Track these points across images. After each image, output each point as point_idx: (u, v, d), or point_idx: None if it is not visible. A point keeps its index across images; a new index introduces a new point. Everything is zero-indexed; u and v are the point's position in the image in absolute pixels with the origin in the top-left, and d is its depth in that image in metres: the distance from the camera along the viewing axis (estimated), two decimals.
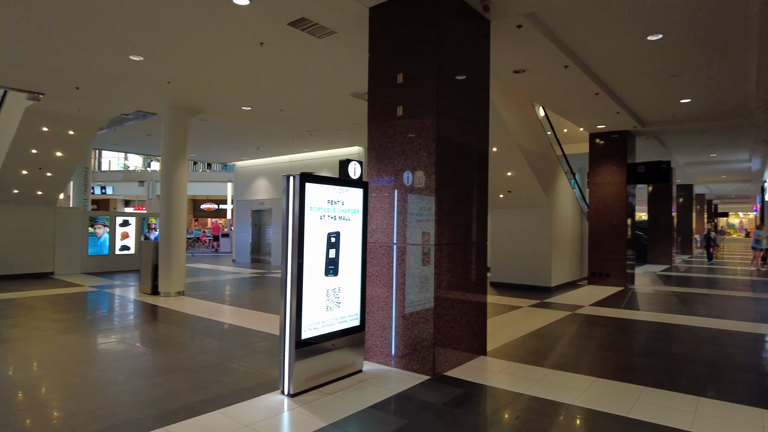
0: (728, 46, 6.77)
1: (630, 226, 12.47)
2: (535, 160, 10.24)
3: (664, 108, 10.36)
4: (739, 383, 4.82)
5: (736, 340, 6.58)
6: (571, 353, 5.86)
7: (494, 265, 12.05)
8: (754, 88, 8.62)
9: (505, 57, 7.09)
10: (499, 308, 8.85)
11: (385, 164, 5.28)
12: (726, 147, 15.17)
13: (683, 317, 8.17)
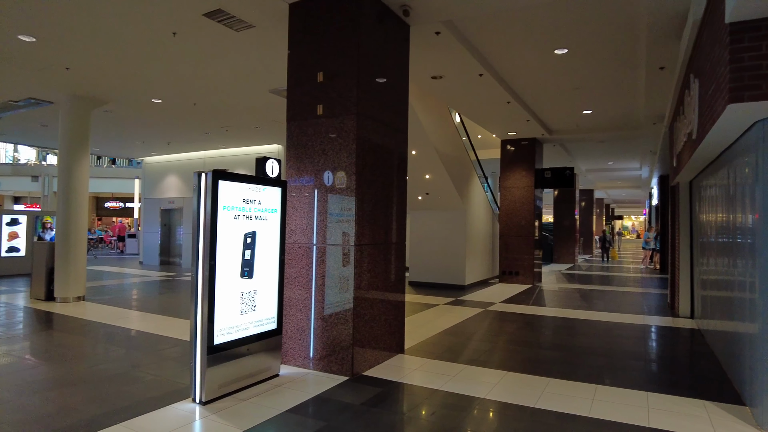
0: (622, 64, 7.42)
1: (537, 228, 13.28)
2: (451, 164, 10.60)
3: (569, 118, 11.14)
4: (629, 370, 5.28)
5: (628, 331, 7.22)
6: (484, 349, 6.12)
7: (413, 264, 12.31)
8: (643, 104, 9.53)
9: (424, 63, 7.26)
10: (417, 307, 9.04)
11: (304, 163, 5.20)
12: (621, 156, 16.63)
13: (584, 312, 8.83)
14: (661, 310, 9.12)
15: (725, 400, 4.39)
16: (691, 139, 5.51)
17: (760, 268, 3.76)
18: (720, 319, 5.64)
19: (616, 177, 23.14)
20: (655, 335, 7.13)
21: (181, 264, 17.48)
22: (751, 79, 3.29)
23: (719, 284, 5.69)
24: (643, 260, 19.75)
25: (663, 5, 5.39)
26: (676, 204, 8.75)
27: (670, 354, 6.14)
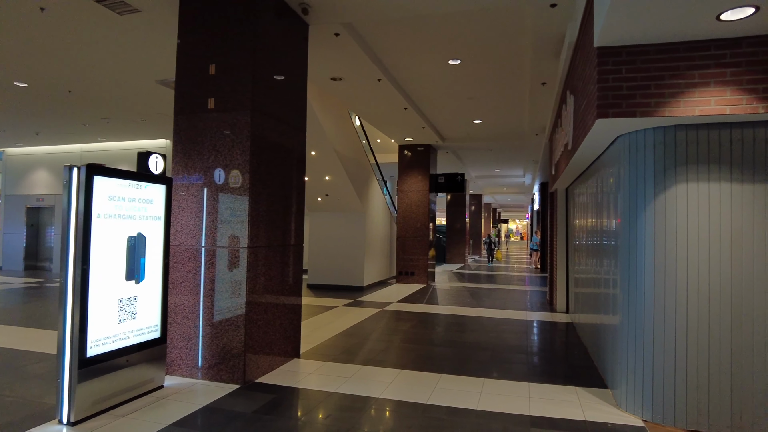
0: (510, 78, 7.98)
1: (432, 230, 13.82)
2: (351, 166, 10.66)
3: (461, 126, 11.74)
4: (513, 363, 5.67)
5: (512, 327, 7.76)
6: (380, 348, 6.21)
7: (312, 267, 12.18)
8: (527, 116, 10.33)
9: (323, 63, 7.22)
10: (315, 309, 8.95)
11: (193, 160, 4.90)
12: (507, 164, 17.87)
13: (473, 309, 9.34)
14: (542, 307, 9.93)
15: (593, 385, 4.87)
16: (567, 149, 6.06)
17: (620, 267, 4.23)
18: (589, 313, 6.27)
19: (503, 183, 24.84)
20: (536, 329, 7.73)
21: (51, 269, 15.67)
22: (614, 98, 3.70)
23: (588, 282, 6.32)
24: (531, 260, 21.39)
25: (544, 27, 5.87)
26: (555, 209, 9.58)
27: (548, 346, 6.69)
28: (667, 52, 3.65)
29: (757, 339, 3.73)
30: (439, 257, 21.75)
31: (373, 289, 12.08)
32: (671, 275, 3.86)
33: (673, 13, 3.21)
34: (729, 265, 3.77)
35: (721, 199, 3.79)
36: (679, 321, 3.83)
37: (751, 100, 3.51)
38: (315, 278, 12.16)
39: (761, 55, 3.51)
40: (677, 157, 3.87)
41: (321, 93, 9.00)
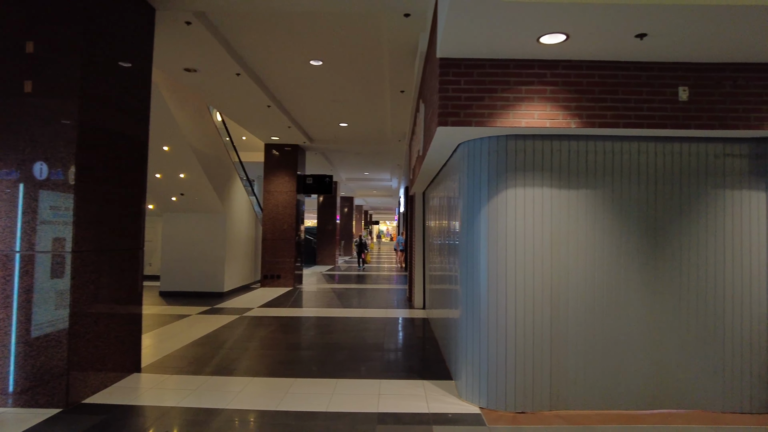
0: (371, 84, 8.17)
1: (300, 232, 13.64)
2: (209, 164, 10.07)
3: (328, 128, 11.76)
4: (368, 361, 5.78)
5: (373, 325, 7.93)
6: (233, 357, 5.92)
7: (165, 272, 11.27)
8: (390, 122, 10.68)
9: (175, 52, 6.70)
10: (166, 318, 8.28)
11: (4, 151, 4.21)
12: (375, 167, 18.36)
13: (338, 310, 9.38)
14: (402, 304, 10.32)
15: (440, 377, 5.16)
16: (419, 155, 6.36)
17: (461, 265, 4.53)
18: (440, 309, 6.64)
19: (372, 186, 25.49)
20: (394, 327, 8.00)
21: None
22: (454, 108, 3.95)
23: (439, 279, 6.71)
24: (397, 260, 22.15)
25: (399, 36, 6.10)
26: (413, 211, 10.03)
27: (403, 342, 6.95)
28: (500, 67, 3.99)
29: (570, 327, 4.24)
30: (310, 259, 21.62)
31: (234, 294, 11.54)
32: (502, 272, 4.23)
33: (501, 33, 3.51)
34: (549, 263, 4.24)
35: (543, 203, 4.25)
36: (509, 314, 4.21)
37: (567, 116, 3.99)
38: (169, 285, 11.27)
39: (573, 77, 4.01)
40: (507, 165, 4.25)
41: (175, 84, 8.37)
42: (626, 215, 4.32)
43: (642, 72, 4.04)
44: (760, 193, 4.35)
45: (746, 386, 4.30)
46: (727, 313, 4.32)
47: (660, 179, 4.35)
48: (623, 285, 4.29)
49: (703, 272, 4.33)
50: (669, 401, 4.29)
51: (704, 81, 4.05)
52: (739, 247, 4.34)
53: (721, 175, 4.36)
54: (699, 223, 4.34)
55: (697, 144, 4.36)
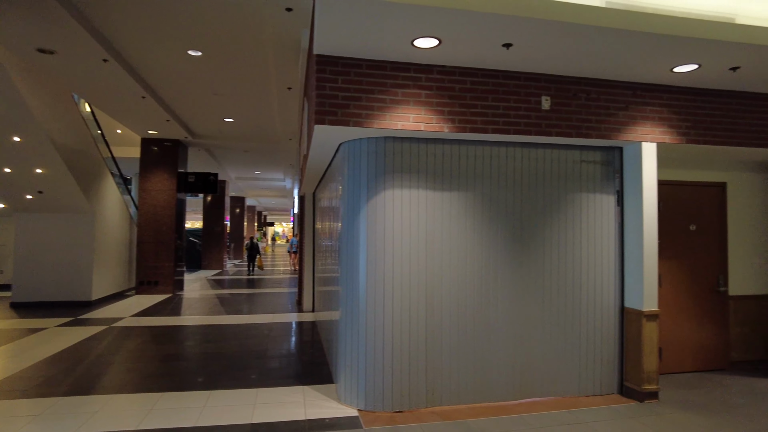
0: (257, 80, 7.85)
1: (181, 234, 12.77)
2: (74, 159, 9.03)
3: (211, 123, 11.13)
4: (248, 369, 5.51)
5: (258, 331, 7.62)
6: (94, 372, 5.33)
7: (18, 281, 9.91)
8: (279, 120, 10.38)
9: (26, 30, 5.88)
10: (17, 333, 7.25)
11: None
12: (267, 166, 17.79)
13: (221, 317, 8.89)
14: (291, 308, 10.07)
15: (322, 381, 5.06)
16: (305, 155, 6.22)
17: (342, 266, 4.48)
18: (325, 311, 6.55)
19: (265, 186, 24.72)
20: (280, 332, 7.75)
21: None
22: (331, 106, 3.88)
23: (325, 281, 6.61)
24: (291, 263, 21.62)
25: (283, 31, 5.91)
26: (304, 212, 9.84)
27: (288, 348, 6.75)
28: (377, 68, 4.00)
29: (445, 325, 4.37)
30: (194, 263, 20.39)
31: (105, 303, 10.47)
32: (381, 273, 4.24)
33: (375, 33, 3.51)
34: (425, 263, 4.33)
35: (419, 205, 4.33)
36: (386, 314, 4.23)
37: (440, 120, 4.10)
38: (23, 295, 9.91)
39: (447, 82, 4.13)
40: (386, 166, 4.28)
41: (28, 66, 7.36)
42: (496, 217, 4.55)
43: (510, 81, 4.29)
44: (610, 196, 4.83)
45: (597, 371, 4.74)
46: (583, 306, 4.73)
47: (526, 183, 4.65)
48: (492, 283, 4.52)
49: (563, 269, 4.70)
50: (534, 390, 4.59)
51: (563, 92, 4.40)
52: (593, 245, 4.78)
53: (578, 180, 4.77)
54: (559, 223, 4.71)
55: (558, 150, 4.73)
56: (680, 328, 5.49)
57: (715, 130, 4.78)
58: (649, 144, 4.60)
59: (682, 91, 4.70)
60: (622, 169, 4.83)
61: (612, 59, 4.01)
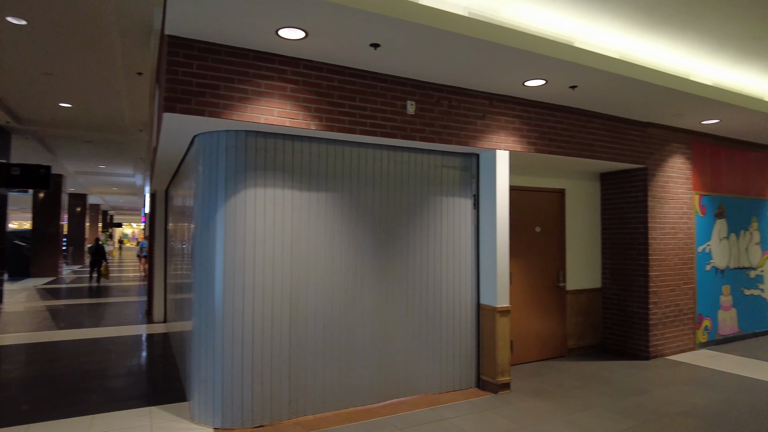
0: (100, 61, 6.89)
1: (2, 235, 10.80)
2: None
3: (43, 108, 9.58)
4: (81, 393, 4.76)
5: (95, 348, 6.67)
6: None
7: None
8: (127, 108, 9.28)
9: None
10: None
11: None
12: (113, 160, 15.89)
13: (51, 333, 7.64)
14: (139, 319, 9.05)
15: (174, 400, 4.55)
16: (154, 146, 5.59)
17: (196, 270, 4.06)
18: (178, 321, 5.96)
19: (112, 182, 22.14)
20: (126, 347, 6.89)
21: None
22: (183, 93, 3.48)
23: (177, 288, 6.02)
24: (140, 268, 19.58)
25: (131, 10, 5.23)
26: (155, 212, 8.93)
27: (134, 364, 6.00)
28: (238, 56, 3.69)
29: (310, 330, 4.20)
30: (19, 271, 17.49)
31: None
32: (240, 277, 3.93)
33: (235, 16, 3.22)
34: (290, 265, 4.11)
35: (284, 205, 4.11)
36: (246, 322, 3.93)
37: (307, 117, 3.92)
38: None
39: (314, 78, 3.97)
40: (247, 162, 3.98)
41: None
42: (363, 218, 4.51)
43: (378, 82, 4.27)
44: (468, 200, 5.08)
45: (458, 367, 4.94)
46: (444, 305, 4.90)
47: (392, 185, 4.68)
48: (359, 285, 4.46)
49: (425, 269, 4.82)
50: (399, 390, 4.63)
51: (427, 98, 4.51)
52: (453, 247, 4.98)
53: (439, 184, 4.94)
54: (422, 225, 4.82)
55: (422, 155, 4.84)
56: (528, 322, 6.00)
57: (557, 141, 5.30)
58: (502, 152, 4.92)
59: (532, 104, 5.12)
60: (478, 174, 5.11)
61: (472, 69, 4.20)
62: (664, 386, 5.07)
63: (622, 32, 4.19)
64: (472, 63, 4.07)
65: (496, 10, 3.67)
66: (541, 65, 4.13)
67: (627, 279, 6.39)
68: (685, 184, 6.62)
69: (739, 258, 7.40)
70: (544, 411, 4.38)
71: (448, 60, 3.99)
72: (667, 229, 6.36)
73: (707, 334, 6.86)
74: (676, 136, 6.50)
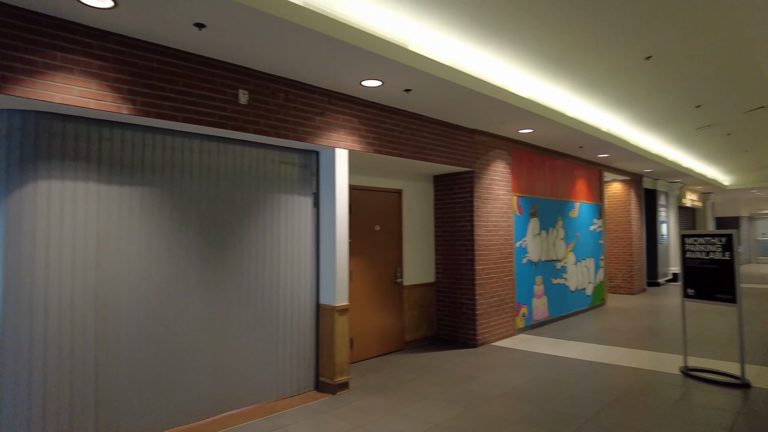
0: None
1: None
2: None
3: None
4: None
5: None
6: None
7: None
8: None
9: None
10: None
11: None
12: None
13: None
14: None
15: None
16: None
17: None
18: None
19: None
20: None
21: None
22: None
23: None
24: None
25: None
26: None
27: None
28: (26, 20, 3.05)
29: (123, 345, 3.66)
30: None
31: None
32: (27, 287, 3.25)
33: None
34: (95, 269, 3.53)
35: (88, 200, 3.52)
36: (36, 341, 3.26)
37: (117, 99, 3.41)
38: None
39: (128, 56, 3.48)
40: (38, 150, 3.32)
41: None
42: (188, 217, 4.09)
43: (205, 67, 3.90)
44: (308, 198, 4.95)
45: (295, 371, 4.77)
46: (281, 307, 4.69)
47: (223, 180, 4.33)
48: (183, 292, 4.04)
49: (261, 270, 4.56)
50: (233, 402, 4.29)
51: (263, 89, 4.26)
52: (292, 246, 4.80)
53: (278, 181, 4.72)
54: (258, 224, 4.56)
55: (258, 149, 4.58)
56: (368, 318, 6.08)
57: (394, 143, 5.45)
58: (341, 150, 4.89)
59: (370, 105, 5.19)
60: (318, 172, 5.02)
61: (309, 63, 4.08)
62: (488, 371, 5.52)
63: (453, 39, 4.44)
64: (309, 56, 3.95)
65: (331, 5, 3.60)
66: (377, 65, 4.18)
67: (457, 273, 6.87)
68: (506, 186, 7.36)
69: (548, 252, 8.47)
70: (380, 407, 4.44)
71: (282, 50, 3.81)
72: (491, 227, 6.99)
73: (524, 320, 7.71)
74: (499, 142, 7.18)
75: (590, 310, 9.65)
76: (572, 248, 9.24)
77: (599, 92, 6.13)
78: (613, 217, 12.29)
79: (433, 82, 4.65)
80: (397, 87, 4.77)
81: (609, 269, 12.19)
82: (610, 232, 12.29)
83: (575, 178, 9.43)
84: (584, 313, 9.35)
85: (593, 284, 9.95)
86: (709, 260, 5.26)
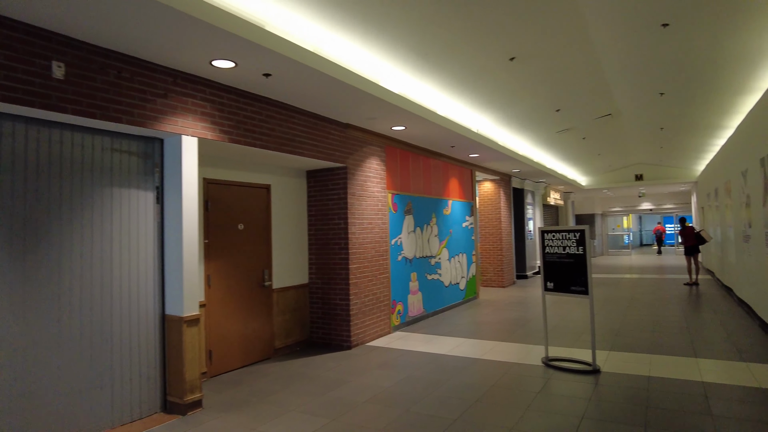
0: None
1: None
2: None
3: None
4: None
5: None
6: None
7: None
8: None
9: None
10: None
11: None
12: None
13: None
14: None
15: None
16: None
17: None
18: None
19: None
20: None
21: None
22: None
23: None
24: None
25: None
26: None
27: None
28: None
29: None
30: None
31: None
32: None
33: None
34: None
35: None
36: None
37: None
38: None
39: None
40: None
41: None
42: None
43: (6, 30, 3.15)
44: (149, 192, 4.31)
45: (136, 392, 4.13)
46: (115, 320, 4.01)
47: (35, 170, 3.57)
48: None
49: (88, 276, 3.85)
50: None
51: (86, 63, 3.58)
52: (129, 249, 4.14)
53: (109, 172, 4.03)
54: (85, 224, 3.84)
55: (83, 134, 3.86)
56: (231, 327, 5.54)
57: (255, 133, 4.98)
58: (190, 138, 4.33)
59: (225, 89, 4.67)
60: (162, 163, 4.39)
61: (146, 35, 3.49)
62: (359, 374, 5.29)
63: (316, 24, 4.10)
64: (146, 28, 3.37)
65: None
66: (228, 44, 3.71)
67: (330, 273, 6.58)
68: (381, 183, 7.22)
69: (423, 248, 8.52)
70: (234, 427, 3.97)
71: (109, 16, 3.19)
72: (365, 225, 6.80)
73: (400, 317, 7.65)
74: (373, 139, 7.01)
75: (464, 303, 9.95)
76: (446, 244, 9.44)
77: (468, 91, 6.21)
78: (484, 214, 12.89)
79: (295, 68, 4.28)
80: (254, 71, 4.32)
81: (481, 264, 12.76)
82: (482, 228, 12.87)
83: (449, 177, 9.64)
84: (458, 306, 9.61)
85: (466, 279, 10.28)
86: (566, 254, 5.54)
